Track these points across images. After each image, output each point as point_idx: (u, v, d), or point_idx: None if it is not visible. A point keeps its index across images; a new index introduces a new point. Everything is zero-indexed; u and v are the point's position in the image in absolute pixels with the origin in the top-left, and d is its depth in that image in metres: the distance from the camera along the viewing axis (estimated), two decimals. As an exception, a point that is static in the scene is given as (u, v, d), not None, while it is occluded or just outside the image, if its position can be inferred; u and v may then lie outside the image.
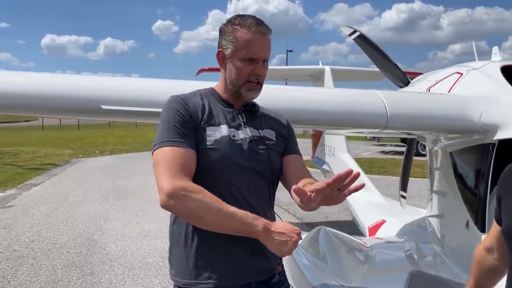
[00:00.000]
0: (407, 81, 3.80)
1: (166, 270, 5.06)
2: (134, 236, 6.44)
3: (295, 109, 2.24)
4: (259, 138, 1.64)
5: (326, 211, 8.15)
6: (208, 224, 1.47)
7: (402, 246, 3.36)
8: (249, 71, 1.59)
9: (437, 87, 2.94)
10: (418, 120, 2.41)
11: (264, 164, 1.62)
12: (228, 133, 1.58)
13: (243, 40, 1.58)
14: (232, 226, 1.44)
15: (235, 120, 1.63)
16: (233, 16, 1.66)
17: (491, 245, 1.56)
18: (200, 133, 1.55)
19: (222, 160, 1.54)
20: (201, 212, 1.42)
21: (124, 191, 9.90)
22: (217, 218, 1.43)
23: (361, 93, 2.48)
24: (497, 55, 3.35)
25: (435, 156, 3.03)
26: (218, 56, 1.65)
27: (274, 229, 1.43)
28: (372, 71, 6.78)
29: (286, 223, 1.48)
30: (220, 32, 1.65)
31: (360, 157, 16.80)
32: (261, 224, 1.43)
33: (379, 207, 4.81)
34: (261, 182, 1.63)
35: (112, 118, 2.30)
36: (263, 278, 1.63)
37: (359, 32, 3.97)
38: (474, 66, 2.93)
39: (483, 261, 1.59)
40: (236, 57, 1.59)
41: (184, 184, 1.42)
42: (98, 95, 2.12)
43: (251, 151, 1.60)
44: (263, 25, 1.61)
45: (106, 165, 14.56)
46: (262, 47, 1.60)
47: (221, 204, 1.43)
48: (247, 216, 1.43)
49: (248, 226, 1.42)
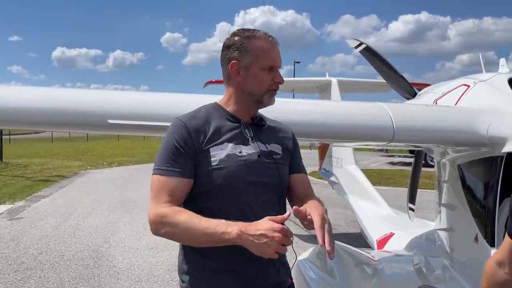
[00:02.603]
0: (414, 93, 3.79)
1: (173, 283, 5.05)
2: (141, 248, 6.45)
3: (302, 123, 2.24)
4: (267, 152, 1.64)
5: (334, 223, 8.07)
6: (189, 243, 1.55)
7: (410, 259, 3.32)
8: (270, 79, 1.62)
9: (444, 100, 2.93)
10: (425, 133, 2.39)
11: (273, 178, 1.63)
12: (234, 150, 1.58)
13: (262, 50, 1.61)
14: (208, 241, 1.44)
15: (242, 135, 1.64)
16: (238, 30, 1.68)
17: (502, 259, 1.53)
18: (204, 155, 1.57)
19: (229, 179, 1.55)
20: (178, 234, 1.49)
21: (132, 203, 9.93)
22: (194, 237, 1.46)
23: (367, 106, 2.47)
24: (504, 66, 3.33)
25: (443, 169, 3.01)
26: (232, 68, 1.62)
27: (252, 232, 1.36)
28: (379, 83, 6.77)
29: (269, 221, 1.38)
30: (230, 45, 1.64)
31: (368, 168, 16.71)
32: (235, 230, 1.38)
33: (387, 219, 4.76)
34: (271, 195, 1.63)
35: (119, 132, 2.32)
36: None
37: (365, 45, 3.98)
38: (481, 78, 2.91)
39: (494, 275, 1.56)
40: (256, 66, 1.61)
41: (161, 211, 1.50)
42: (105, 110, 2.13)
43: (259, 165, 1.60)
44: (273, 36, 1.66)
45: (114, 177, 14.64)
46: (278, 56, 1.65)
47: (195, 222, 1.44)
48: (219, 227, 1.41)
49: (222, 236, 1.40)
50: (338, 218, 8.42)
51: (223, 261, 1.56)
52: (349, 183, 6.04)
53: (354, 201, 5.70)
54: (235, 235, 1.38)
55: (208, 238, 1.43)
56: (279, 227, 1.35)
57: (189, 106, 1.83)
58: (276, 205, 1.64)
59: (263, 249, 1.35)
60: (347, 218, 8.24)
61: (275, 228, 1.35)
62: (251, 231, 1.36)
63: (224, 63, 1.67)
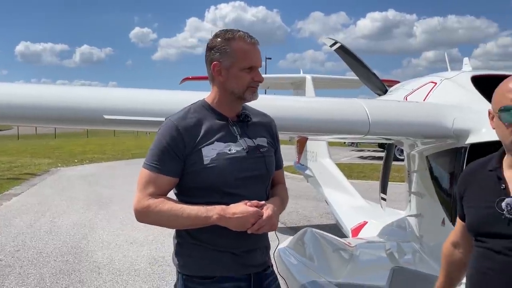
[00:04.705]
0: (385, 90, 4.03)
1: (155, 276, 5.15)
2: (120, 243, 6.49)
3: (286, 117, 2.41)
4: (255, 147, 1.79)
5: (308, 215, 8.37)
6: (174, 227, 1.79)
7: (383, 245, 3.57)
8: (250, 78, 1.75)
9: (413, 96, 3.17)
10: (397, 127, 2.61)
11: (261, 170, 1.79)
12: (224, 149, 1.73)
13: (242, 51, 1.72)
14: (192, 224, 1.69)
15: (230, 133, 1.77)
16: (220, 31, 1.79)
17: (457, 240, 1.72)
18: (196, 154, 1.71)
19: (221, 175, 1.70)
20: (163, 221, 1.74)
21: (107, 200, 9.89)
22: (178, 223, 1.71)
23: (345, 102, 2.67)
24: (467, 65, 3.62)
25: (413, 160, 3.26)
26: (214, 68, 1.75)
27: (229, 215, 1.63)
28: (351, 79, 7.04)
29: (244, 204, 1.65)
30: (212, 47, 1.76)
31: (340, 163, 17.08)
32: (215, 214, 1.64)
33: (360, 209, 5.02)
34: (259, 186, 1.80)
35: (114, 127, 2.43)
36: (259, 269, 1.83)
37: (339, 43, 4.20)
38: (447, 76, 3.17)
39: (451, 255, 1.75)
40: (237, 67, 1.73)
41: (146, 203, 1.70)
42: (101, 106, 2.24)
43: (248, 161, 1.75)
44: (253, 37, 1.78)
45: (87, 174, 14.45)
46: (258, 57, 1.78)
47: (177, 210, 1.67)
48: (200, 212, 1.66)
49: (204, 220, 1.66)
50: (312, 211, 8.69)
51: (215, 244, 1.74)
52: (323, 176, 6.28)
53: (328, 193, 5.94)
54: (215, 218, 1.65)
55: (191, 222, 1.69)
56: (253, 210, 1.65)
57: (181, 102, 1.97)
58: (264, 194, 1.82)
59: (239, 227, 1.65)
60: (320, 211, 8.52)
61: (249, 211, 1.64)
62: (229, 214, 1.64)
63: (207, 64, 1.79)
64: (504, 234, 1.39)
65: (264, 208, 1.68)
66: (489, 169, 1.50)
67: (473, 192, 1.55)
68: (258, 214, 1.65)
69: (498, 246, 1.40)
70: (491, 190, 1.45)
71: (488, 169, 1.51)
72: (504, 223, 1.39)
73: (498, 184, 1.45)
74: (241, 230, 1.66)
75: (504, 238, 1.39)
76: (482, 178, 1.51)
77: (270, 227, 1.69)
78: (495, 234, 1.41)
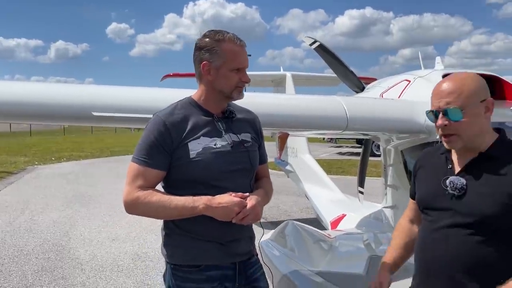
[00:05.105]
0: (362, 87, 4.18)
1: (137, 271, 5.21)
2: (102, 240, 6.51)
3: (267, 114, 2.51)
4: (239, 142, 1.89)
5: (289, 210, 8.52)
6: (162, 218, 1.89)
7: (361, 236, 3.72)
8: (238, 79, 1.84)
9: (389, 93, 3.33)
10: (374, 123, 2.76)
11: (245, 164, 1.89)
12: (209, 143, 1.82)
13: (231, 53, 1.81)
14: (179, 215, 1.78)
15: (216, 129, 1.87)
16: (210, 32, 1.86)
17: (412, 217, 1.89)
18: (183, 148, 1.80)
19: (207, 169, 1.80)
20: (152, 212, 1.81)
21: (87, 197, 9.84)
22: (166, 213, 1.79)
23: (325, 99, 2.80)
24: (439, 64, 3.80)
25: (388, 154, 3.42)
26: (203, 68, 1.83)
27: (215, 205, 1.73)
28: (330, 77, 7.21)
29: (229, 195, 1.75)
30: (201, 47, 1.84)
31: (319, 159, 17.28)
32: (201, 204, 1.73)
33: (339, 203, 5.19)
34: (244, 179, 1.90)
35: (103, 124, 2.49)
36: (244, 258, 1.94)
37: (319, 42, 4.32)
38: (420, 74, 3.34)
39: (408, 230, 1.88)
40: (226, 68, 1.81)
41: (135, 195, 1.77)
42: (89, 103, 2.30)
43: (232, 155, 1.85)
44: (241, 39, 1.87)
45: (65, 172, 14.28)
46: (245, 58, 1.87)
47: (165, 201, 1.75)
48: (188, 203, 1.74)
49: (191, 210, 1.74)
50: (292, 206, 8.86)
51: (201, 234, 1.83)
52: (303, 171, 6.43)
53: (308, 188, 6.09)
54: (202, 208, 1.74)
55: (179, 213, 1.77)
56: (237, 199, 1.74)
57: (168, 99, 2.05)
58: (248, 187, 1.91)
59: (224, 217, 1.74)
60: (300, 205, 8.69)
61: (234, 201, 1.73)
62: (215, 203, 1.73)
63: (196, 63, 1.87)
64: (446, 208, 1.58)
65: (248, 199, 1.77)
66: (440, 152, 1.70)
67: (425, 171, 1.75)
68: (242, 204, 1.74)
69: (441, 218, 1.59)
70: (440, 169, 1.65)
71: (440, 152, 1.70)
72: (447, 198, 1.58)
73: (446, 164, 1.65)
74: (227, 220, 1.75)
75: (446, 211, 1.57)
76: (434, 160, 1.71)
77: (255, 217, 1.78)
78: (439, 208, 1.59)
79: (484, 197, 1.52)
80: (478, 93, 1.57)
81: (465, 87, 1.55)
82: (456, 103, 1.53)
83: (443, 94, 1.57)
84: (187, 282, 1.84)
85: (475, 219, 1.51)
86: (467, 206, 1.54)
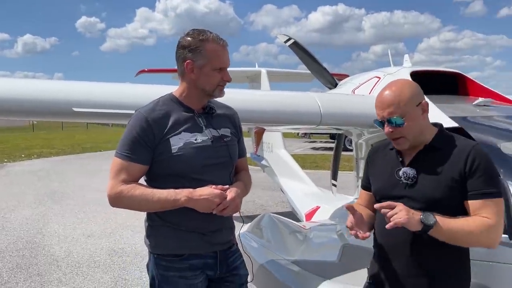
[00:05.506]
0: (335, 83, 4.33)
1: (115, 266, 5.22)
2: (77, 237, 6.46)
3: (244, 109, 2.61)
4: (219, 137, 1.97)
5: (264, 204, 8.65)
6: (146, 211, 1.95)
7: (335, 227, 3.87)
8: (220, 78, 1.92)
9: (360, 89, 3.48)
10: (346, 118, 2.89)
11: (225, 158, 1.98)
12: (190, 138, 1.89)
13: (214, 53, 1.88)
14: (162, 207, 1.84)
15: (196, 124, 1.94)
16: (193, 31, 1.92)
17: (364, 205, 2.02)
18: (165, 144, 1.86)
19: (188, 163, 1.87)
20: (135, 205, 1.86)
21: (60, 194, 9.69)
22: (149, 206, 1.86)
23: (300, 95, 2.92)
24: (407, 62, 3.98)
25: (360, 148, 3.58)
26: (187, 66, 1.89)
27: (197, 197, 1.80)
28: (304, 73, 7.35)
29: (210, 188, 1.83)
30: (185, 46, 1.89)
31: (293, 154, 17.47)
32: (183, 196, 1.80)
33: (313, 195, 5.35)
34: (224, 172, 1.98)
35: (83, 119, 2.53)
36: (225, 247, 2.03)
37: (293, 40, 4.44)
38: (389, 71, 3.50)
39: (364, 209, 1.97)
40: (208, 67, 1.88)
41: (118, 189, 1.83)
42: (70, 99, 2.34)
43: (213, 149, 1.93)
44: (224, 39, 1.93)
45: (36, 169, 13.97)
46: (227, 58, 1.94)
47: (148, 194, 1.82)
48: (170, 195, 1.81)
49: (173, 202, 1.81)
50: (267, 200, 8.99)
51: (184, 225, 1.91)
52: (279, 166, 6.56)
53: (283, 182, 6.24)
54: (184, 200, 1.81)
55: (161, 205, 1.84)
56: (218, 191, 1.82)
57: (149, 95, 2.12)
58: (228, 179, 2.00)
59: (205, 208, 1.82)
60: (276, 200, 8.84)
61: (215, 193, 1.82)
62: (196, 196, 1.81)
63: (179, 61, 1.92)
64: (401, 196, 1.76)
65: (228, 191, 1.86)
66: (390, 148, 1.90)
67: (378, 165, 1.93)
68: (223, 196, 1.83)
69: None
70: (392, 162, 1.84)
71: (389, 148, 1.90)
72: (402, 187, 1.77)
73: (397, 157, 1.84)
74: (208, 212, 1.83)
75: (401, 198, 1.75)
76: (385, 154, 1.91)
77: (234, 208, 1.87)
78: (395, 196, 1.76)
79: (432, 183, 1.72)
80: (414, 99, 1.76)
81: (403, 96, 1.74)
82: (397, 112, 1.73)
83: (384, 105, 1.76)
84: (170, 271, 1.92)
85: (427, 203, 1.71)
86: (419, 193, 1.73)
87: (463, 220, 1.66)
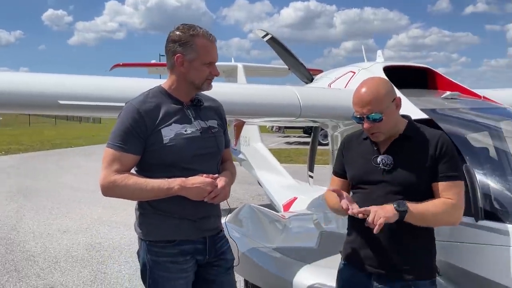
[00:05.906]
0: (311, 78, 4.48)
1: (93, 261, 5.22)
2: (53, 233, 6.40)
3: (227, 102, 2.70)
4: (207, 128, 2.05)
5: (241, 197, 8.75)
6: (139, 199, 2.01)
7: (312, 216, 4.03)
8: (208, 72, 2.00)
9: (336, 83, 3.62)
10: (324, 110, 3.03)
11: (213, 148, 2.07)
12: (181, 129, 1.96)
13: (204, 47, 1.95)
14: (155, 196, 1.91)
15: (186, 116, 2.01)
16: (183, 26, 1.98)
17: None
18: (156, 135, 1.93)
19: (179, 153, 1.94)
20: (128, 195, 1.92)
21: (32, 191, 9.51)
22: (142, 195, 1.92)
23: (280, 89, 3.03)
24: (380, 57, 4.17)
25: (335, 140, 3.73)
26: (177, 60, 1.95)
27: (189, 185, 1.88)
28: (279, 68, 7.50)
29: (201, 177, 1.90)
30: (176, 40, 1.95)
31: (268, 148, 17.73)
32: (176, 185, 1.87)
33: (290, 187, 5.50)
34: (212, 162, 2.08)
35: (69, 112, 2.55)
36: (213, 233, 2.12)
37: (270, 35, 4.56)
38: (364, 66, 3.66)
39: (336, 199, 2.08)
40: (198, 61, 1.95)
41: (112, 178, 1.88)
42: (55, 91, 2.37)
43: (202, 140, 2.01)
44: (212, 35, 2.01)
45: (5, 166, 13.59)
46: (216, 53, 2.02)
47: (141, 183, 1.88)
48: (163, 184, 1.88)
49: (167, 190, 1.88)
50: (244, 193, 9.10)
51: (175, 212, 1.99)
52: (256, 159, 6.68)
53: (261, 175, 6.36)
54: (177, 188, 1.88)
55: (155, 194, 1.90)
56: (209, 180, 1.91)
57: (136, 88, 2.18)
58: (215, 169, 2.09)
59: (197, 196, 1.89)
60: (252, 193, 8.96)
61: (206, 181, 1.90)
62: (189, 184, 1.88)
63: (170, 54, 1.99)
64: (379, 181, 1.92)
65: (218, 180, 1.95)
66: (363, 138, 2.05)
67: (353, 153, 2.07)
68: (214, 184, 1.91)
69: (376, 190, 1.93)
70: (368, 150, 1.99)
71: (362, 137, 2.05)
72: (380, 173, 1.93)
73: (371, 146, 1.99)
74: (199, 199, 1.91)
75: (379, 183, 1.92)
76: (359, 143, 2.06)
77: (224, 196, 1.96)
78: (374, 181, 1.93)
79: (408, 168, 1.89)
80: (389, 95, 1.91)
81: (380, 94, 1.89)
82: (376, 109, 1.87)
83: (364, 103, 1.89)
84: (162, 256, 2.00)
85: (404, 186, 1.88)
86: (397, 177, 1.90)
87: (429, 203, 1.83)
